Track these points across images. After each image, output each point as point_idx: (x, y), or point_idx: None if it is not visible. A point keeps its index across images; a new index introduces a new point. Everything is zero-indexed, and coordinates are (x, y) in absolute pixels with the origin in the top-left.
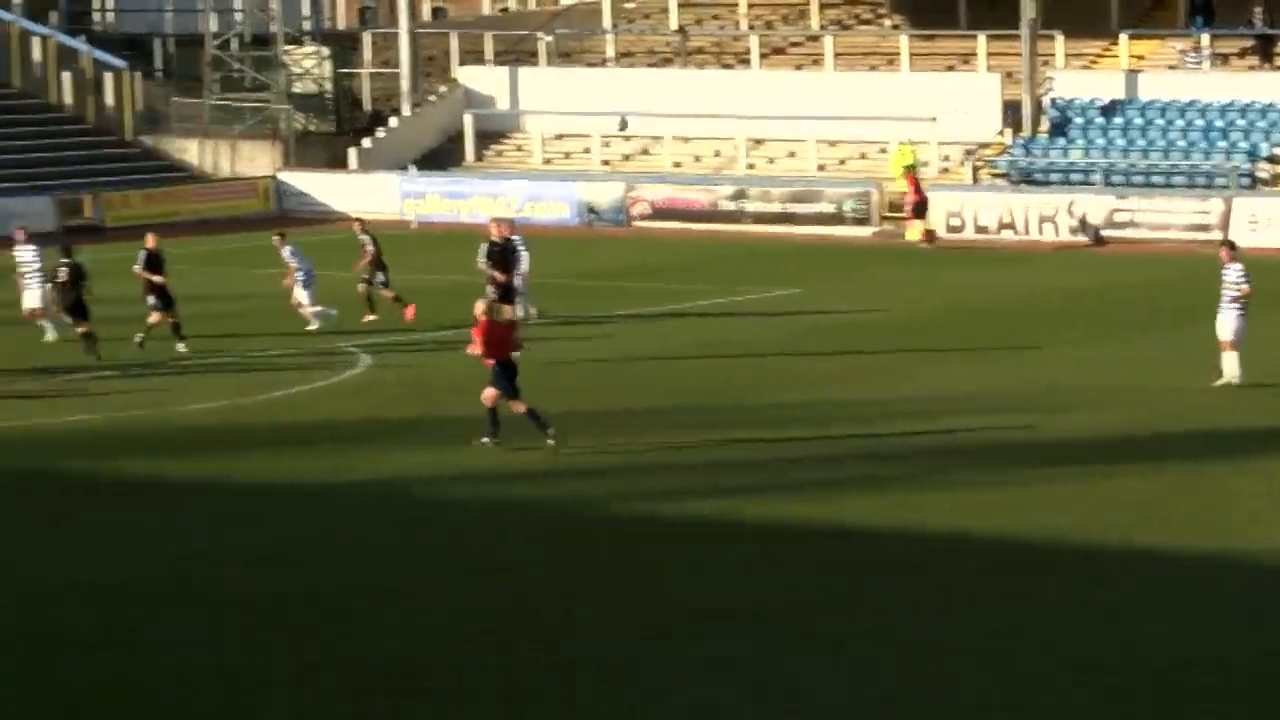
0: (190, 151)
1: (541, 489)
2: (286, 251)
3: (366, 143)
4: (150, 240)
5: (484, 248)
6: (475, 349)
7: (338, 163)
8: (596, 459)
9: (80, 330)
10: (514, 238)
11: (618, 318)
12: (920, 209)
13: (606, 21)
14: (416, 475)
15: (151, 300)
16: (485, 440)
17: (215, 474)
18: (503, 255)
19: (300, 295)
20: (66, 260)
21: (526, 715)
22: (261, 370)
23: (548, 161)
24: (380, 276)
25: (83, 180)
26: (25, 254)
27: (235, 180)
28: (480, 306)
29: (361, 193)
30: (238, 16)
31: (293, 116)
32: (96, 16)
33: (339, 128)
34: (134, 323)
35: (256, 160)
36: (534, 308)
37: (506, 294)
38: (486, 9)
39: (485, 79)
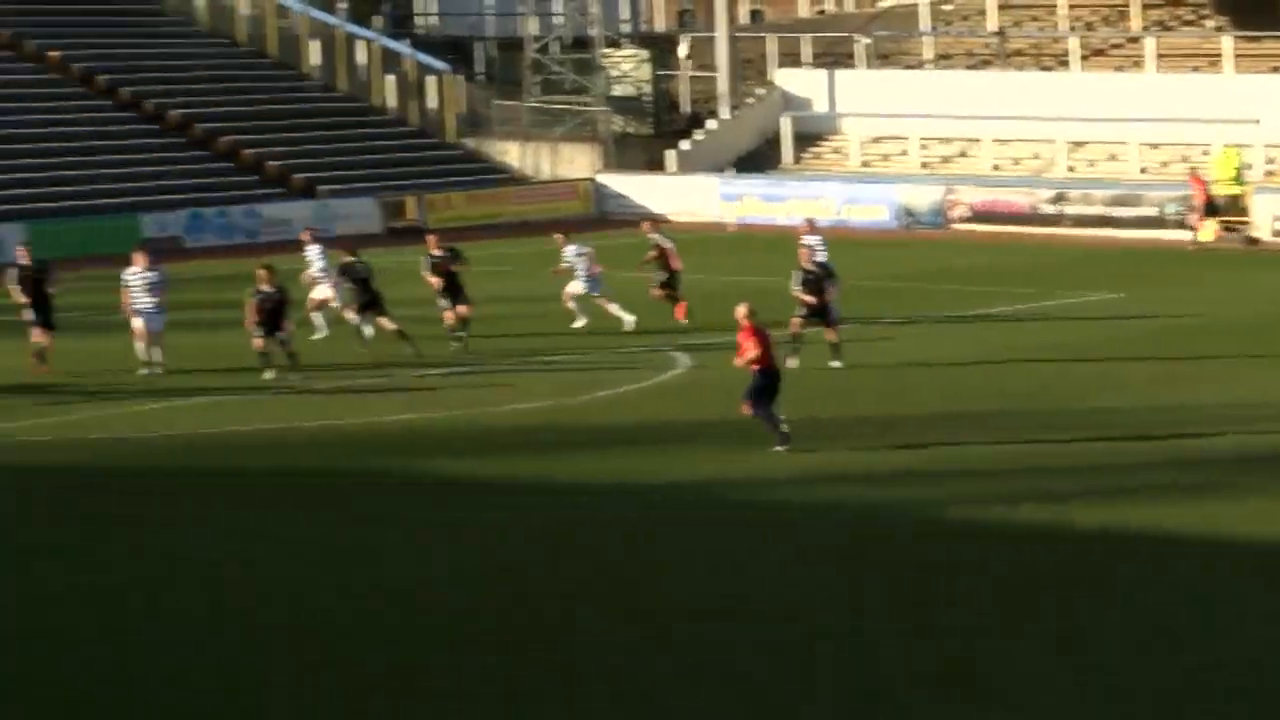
0: (511, 154)
1: (850, 491)
2: (570, 251)
3: (685, 145)
4: (432, 244)
5: (797, 275)
6: (747, 353)
7: (656, 165)
8: (914, 461)
9: (390, 329)
10: (813, 239)
11: (935, 320)
12: (1211, 209)
13: (924, 24)
14: (725, 477)
15: (443, 303)
16: (779, 448)
17: (537, 473)
18: (816, 281)
19: (570, 288)
20: (356, 259)
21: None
22: (582, 370)
23: (865, 164)
24: (660, 276)
25: (406, 182)
26: (311, 253)
27: (555, 182)
28: (742, 310)
29: (680, 195)
30: (557, 19)
31: (611, 119)
32: (419, 20)
33: (657, 130)
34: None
35: (576, 162)
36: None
37: (819, 315)
38: (804, 11)
39: (802, 81)
